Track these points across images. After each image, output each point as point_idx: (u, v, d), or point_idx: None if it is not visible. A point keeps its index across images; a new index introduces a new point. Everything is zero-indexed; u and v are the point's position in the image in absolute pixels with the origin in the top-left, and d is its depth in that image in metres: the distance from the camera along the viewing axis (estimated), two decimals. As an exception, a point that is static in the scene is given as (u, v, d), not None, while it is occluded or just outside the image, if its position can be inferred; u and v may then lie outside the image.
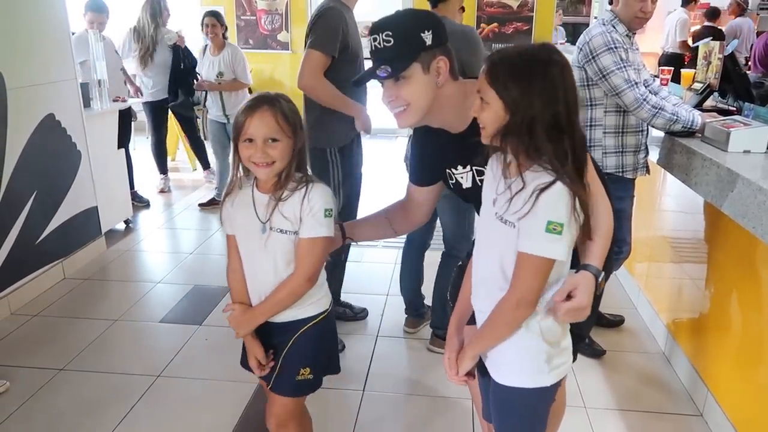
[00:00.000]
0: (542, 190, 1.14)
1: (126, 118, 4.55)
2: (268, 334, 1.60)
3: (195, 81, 4.79)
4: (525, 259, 1.18)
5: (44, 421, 2.27)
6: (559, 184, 1.14)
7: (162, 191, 5.23)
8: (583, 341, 2.03)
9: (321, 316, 1.60)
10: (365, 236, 1.75)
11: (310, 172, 1.55)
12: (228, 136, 4.54)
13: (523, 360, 1.28)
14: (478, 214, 1.39)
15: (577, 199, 1.16)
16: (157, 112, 4.99)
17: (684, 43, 7.34)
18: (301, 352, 1.58)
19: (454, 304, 1.50)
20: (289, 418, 1.67)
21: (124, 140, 4.46)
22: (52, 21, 3.40)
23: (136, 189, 4.83)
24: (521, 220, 1.17)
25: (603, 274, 1.26)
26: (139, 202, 4.80)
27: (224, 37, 4.57)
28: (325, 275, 1.62)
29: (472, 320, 1.40)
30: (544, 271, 1.19)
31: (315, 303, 1.59)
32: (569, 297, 1.20)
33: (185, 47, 4.94)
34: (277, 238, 1.49)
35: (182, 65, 4.87)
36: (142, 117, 7.03)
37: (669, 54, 7.45)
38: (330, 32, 2.40)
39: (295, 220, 1.47)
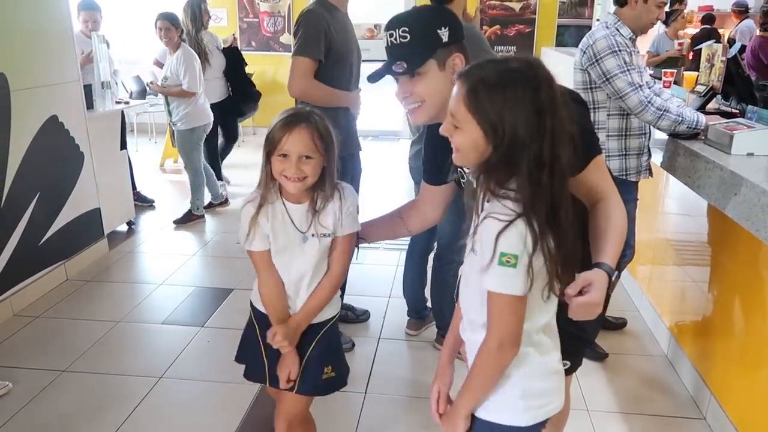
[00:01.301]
0: (492, 218, 1.06)
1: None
2: None
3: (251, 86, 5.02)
4: (490, 298, 1.09)
5: (46, 422, 2.28)
6: (513, 215, 1.05)
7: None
8: (589, 346, 2.01)
9: (336, 316, 1.68)
10: (379, 236, 1.74)
11: None
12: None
13: (494, 392, 1.17)
14: None
15: (538, 232, 1.05)
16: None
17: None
18: (324, 352, 1.63)
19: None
20: (302, 420, 1.72)
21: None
22: (56, 22, 3.41)
23: (138, 189, 4.82)
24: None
25: (616, 273, 1.23)
26: (143, 202, 4.80)
27: (182, 40, 4.34)
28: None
29: None
30: (512, 307, 1.09)
31: (334, 304, 1.66)
32: (581, 293, 1.14)
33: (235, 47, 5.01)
34: (316, 242, 1.55)
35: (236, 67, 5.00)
36: (142, 119, 7.10)
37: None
38: (312, 36, 2.40)
39: (336, 223, 1.54)
